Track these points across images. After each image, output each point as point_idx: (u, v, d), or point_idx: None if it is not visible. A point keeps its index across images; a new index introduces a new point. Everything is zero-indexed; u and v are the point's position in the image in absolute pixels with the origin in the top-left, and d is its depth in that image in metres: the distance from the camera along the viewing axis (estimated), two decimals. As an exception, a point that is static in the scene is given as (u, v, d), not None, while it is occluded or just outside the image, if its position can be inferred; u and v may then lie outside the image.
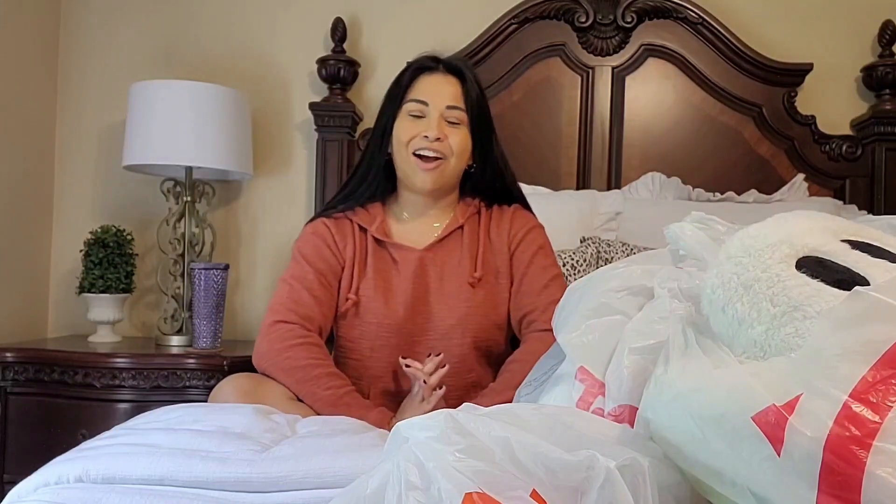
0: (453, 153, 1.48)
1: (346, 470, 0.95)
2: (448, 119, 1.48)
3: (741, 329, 0.65)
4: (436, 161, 1.46)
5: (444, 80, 1.50)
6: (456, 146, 1.47)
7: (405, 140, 1.47)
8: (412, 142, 1.47)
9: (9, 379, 1.95)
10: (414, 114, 1.48)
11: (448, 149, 1.47)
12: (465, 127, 1.49)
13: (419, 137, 1.46)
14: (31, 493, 0.96)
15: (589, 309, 0.92)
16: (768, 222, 0.72)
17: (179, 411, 1.24)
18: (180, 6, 2.46)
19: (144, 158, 2.12)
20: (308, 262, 1.50)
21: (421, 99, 1.48)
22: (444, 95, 1.48)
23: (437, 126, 1.46)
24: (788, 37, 2.34)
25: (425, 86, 1.49)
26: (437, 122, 1.46)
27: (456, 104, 1.48)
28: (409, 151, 1.47)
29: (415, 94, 1.49)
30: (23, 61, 2.28)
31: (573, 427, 0.71)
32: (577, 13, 2.29)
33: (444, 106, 1.47)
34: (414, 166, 1.47)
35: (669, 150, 2.30)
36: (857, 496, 0.52)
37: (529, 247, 1.53)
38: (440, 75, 1.50)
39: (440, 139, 1.45)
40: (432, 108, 1.47)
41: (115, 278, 2.16)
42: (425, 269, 1.50)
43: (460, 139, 1.48)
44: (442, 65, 1.51)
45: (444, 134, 1.46)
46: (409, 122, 1.48)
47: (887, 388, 0.54)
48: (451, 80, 1.50)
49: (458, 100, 1.48)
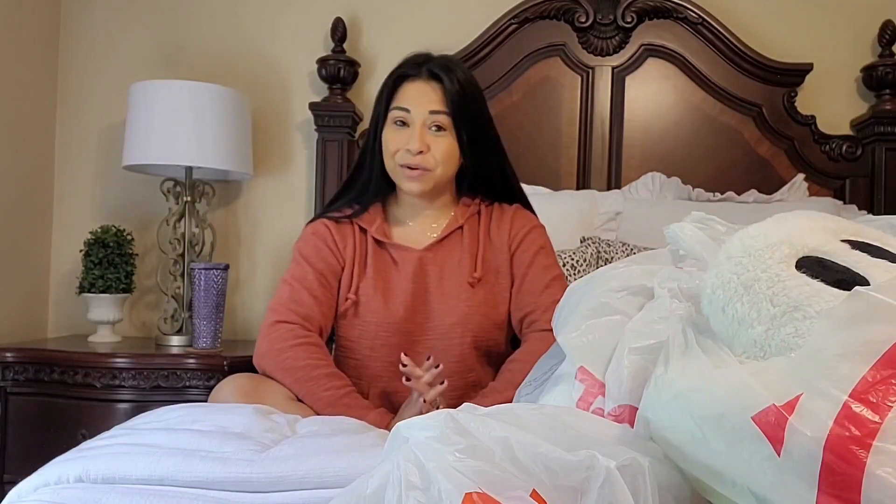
0: (438, 163, 1.47)
1: (346, 470, 0.95)
2: (433, 124, 1.47)
3: (741, 329, 0.65)
4: (419, 170, 1.47)
5: (426, 87, 1.48)
6: (440, 155, 1.47)
7: (392, 151, 1.48)
8: (397, 154, 1.48)
9: (9, 379, 1.95)
10: (398, 121, 1.49)
11: (431, 160, 1.47)
12: (449, 132, 1.48)
13: (403, 151, 1.47)
14: (31, 493, 0.96)
15: (589, 309, 0.92)
16: (768, 222, 0.72)
17: (179, 411, 1.24)
18: (180, 6, 2.46)
19: (144, 158, 2.12)
20: (308, 263, 1.50)
21: (403, 106, 1.48)
22: (426, 101, 1.47)
23: (419, 138, 1.46)
24: (788, 37, 2.34)
25: (408, 92, 1.49)
26: (420, 132, 1.46)
27: (438, 108, 1.47)
28: (395, 162, 1.48)
29: (398, 101, 1.49)
30: (23, 61, 2.28)
31: (573, 427, 0.71)
32: (577, 13, 2.29)
33: (426, 112, 1.47)
34: (400, 175, 1.49)
35: (669, 150, 2.30)
36: (857, 496, 0.52)
37: (530, 247, 1.53)
38: (422, 82, 1.49)
39: (422, 152, 1.46)
40: (415, 116, 1.47)
41: (115, 278, 2.16)
42: (425, 269, 1.50)
43: (444, 147, 1.47)
44: (425, 68, 1.50)
45: (426, 146, 1.46)
46: (394, 131, 1.49)
47: (887, 388, 0.54)
48: (433, 84, 1.48)
49: (440, 104, 1.47)
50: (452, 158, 1.50)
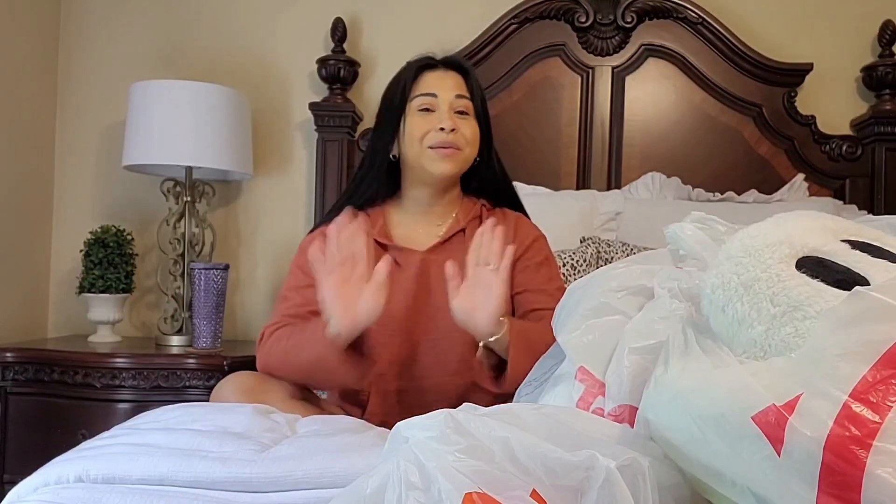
0: (467, 143, 1.49)
1: (346, 470, 0.95)
2: (457, 109, 1.48)
3: (741, 329, 0.65)
4: (451, 149, 1.47)
5: (446, 75, 1.51)
6: (469, 135, 1.49)
7: (419, 135, 1.47)
8: (427, 137, 1.46)
9: (9, 379, 1.95)
10: (423, 108, 1.48)
11: (462, 139, 1.48)
12: (472, 117, 1.50)
13: (433, 131, 1.46)
14: (31, 493, 0.96)
15: (589, 309, 0.92)
16: (768, 222, 0.71)
17: (179, 411, 1.24)
18: (180, 6, 2.46)
19: (144, 158, 2.12)
20: (303, 272, 1.46)
21: (429, 92, 1.48)
22: (451, 86, 1.49)
23: (449, 117, 1.46)
24: (788, 37, 2.35)
25: (430, 80, 1.50)
26: (448, 113, 1.47)
27: (463, 93, 1.49)
28: (423, 146, 1.47)
29: (421, 88, 1.49)
30: (23, 61, 2.28)
31: (573, 427, 0.71)
32: (577, 13, 2.29)
33: (452, 95, 1.48)
34: (431, 157, 1.47)
35: (669, 150, 2.30)
36: (858, 496, 0.52)
37: (536, 255, 1.52)
38: (441, 70, 1.51)
39: (455, 130, 1.46)
40: (441, 100, 1.47)
41: (115, 278, 2.16)
42: (427, 270, 1.49)
43: (471, 129, 1.49)
44: (440, 62, 1.53)
45: (456, 125, 1.47)
46: (420, 117, 1.48)
47: (887, 387, 0.54)
48: (453, 73, 1.51)
49: (463, 90, 1.50)
50: (476, 142, 1.51)
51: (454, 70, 1.52)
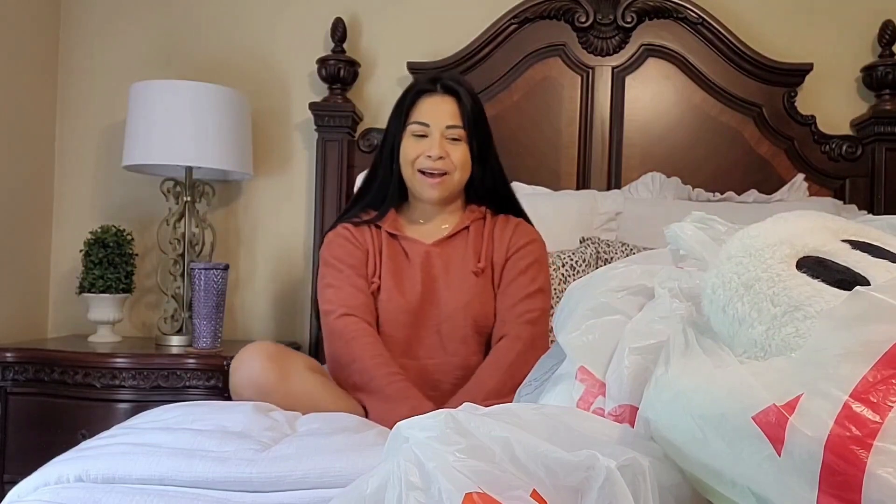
0: (456, 167, 1.61)
1: (346, 470, 0.95)
2: (449, 137, 1.61)
3: (742, 329, 0.65)
4: (440, 176, 1.60)
5: (441, 101, 1.62)
6: (458, 160, 1.61)
7: (411, 159, 1.61)
8: (417, 161, 1.60)
9: (9, 379, 1.95)
10: (417, 134, 1.61)
11: (451, 164, 1.61)
12: (464, 142, 1.62)
13: (423, 157, 1.60)
14: (31, 492, 0.96)
15: (589, 309, 0.92)
16: (768, 222, 0.71)
17: (179, 410, 1.24)
18: (180, 6, 2.46)
19: (144, 158, 2.12)
20: (340, 261, 1.61)
21: (422, 121, 1.61)
22: (444, 115, 1.61)
23: (439, 145, 1.59)
24: (788, 37, 2.34)
25: (426, 107, 1.62)
26: (439, 141, 1.60)
27: (454, 123, 1.61)
28: (414, 169, 1.61)
29: (417, 115, 1.62)
30: (23, 61, 2.28)
31: (573, 427, 0.71)
32: (577, 13, 2.29)
33: (444, 126, 1.61)
34: (421, 182, 1.61)
35: (669, 150, 2.30)
36: (858, 496, 0.52)
37: (526, 256, 1.63)
38: (438, 96, 1.63)
39: (442, 157, 1.59)
40: (433, 129, 1.60)
41: (115, 278, 2.16)
42: (432, 261, 1.62)
43: (461, 153, 1.61)
44: (440, 85, 1.63)
45: (445, 152, 1.60)
46: (414, 141, 1.61)
47: (888, 387, 0.54)
48: (448, 99, 1.62)
49: (455, 118, 1.61)
50: (467, 165, 1.64)
51: (450, 94, 1.63)
